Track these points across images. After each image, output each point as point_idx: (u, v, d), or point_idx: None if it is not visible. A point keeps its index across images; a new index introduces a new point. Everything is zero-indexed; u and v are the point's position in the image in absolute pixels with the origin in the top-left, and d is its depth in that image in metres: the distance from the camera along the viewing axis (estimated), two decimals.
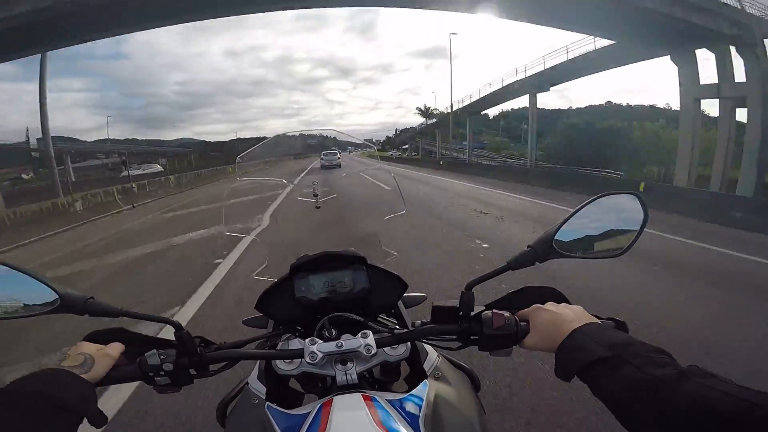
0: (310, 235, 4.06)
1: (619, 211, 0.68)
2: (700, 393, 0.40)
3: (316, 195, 1.19)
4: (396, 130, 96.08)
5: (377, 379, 0.80)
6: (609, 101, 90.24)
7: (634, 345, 0.50)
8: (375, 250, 1.12)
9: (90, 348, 0.63)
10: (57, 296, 0.62)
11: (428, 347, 0.81)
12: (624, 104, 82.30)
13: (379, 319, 0.85)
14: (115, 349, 0.65)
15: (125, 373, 0.65)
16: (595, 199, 0.67)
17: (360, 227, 3.79)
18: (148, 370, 0.65)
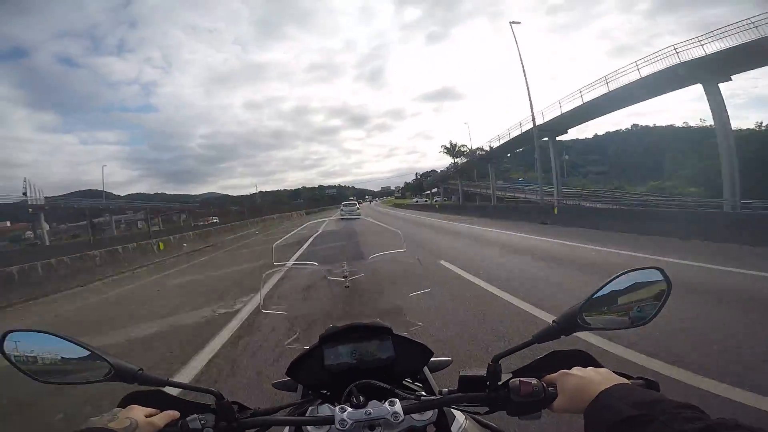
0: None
1: (642, 283, 0.69)
2: None
3: (345, 276, 1.27)
4: (416, 174, 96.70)
5: None
6: (635, 124, 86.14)
7: (662, 402, 0.50)
8: (400, 320, 1.15)
9: (138, 413, 0.66)
10: (110, 367, 0.66)
11: (455, 410, 0.81)
12: (651, 125, 79.36)
13: (405, 383, 0.86)
14: (162, 419, 0.68)
15: None
16: (619, 276, 0.69)
17: (386, 300, 3.77)
18: None
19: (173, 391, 0.77)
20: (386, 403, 0.72)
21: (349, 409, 0.72)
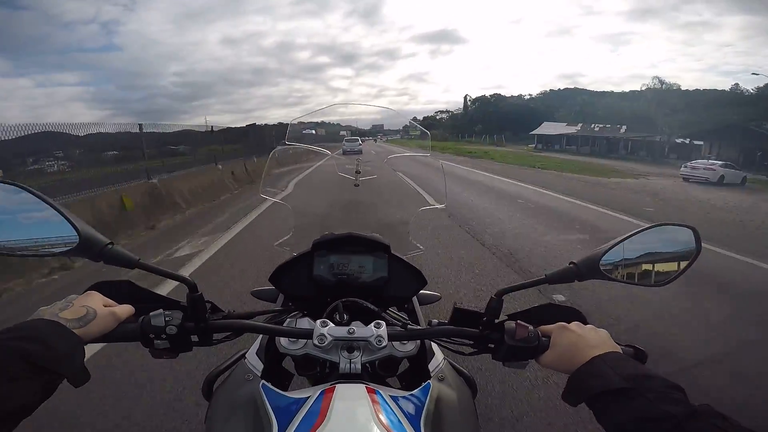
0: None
1: (671, 241, 0.68)
2: None
3: (358, 172, 1.16)
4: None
5: (376, 372, 0.77)
6: None
7: (650, 378, 0.49)
8: (401, 240, 1.10)
9: (97, 302, 0.58)
10: (77, 235, 0.57)
11: (436, 348, 0.79)
12: None
13: (389, 311, 0.83)
14: (124, 311, 0.60)
15: (123, 332, 0.59)
16: (649, 228, 0.66)
17: (391, 213, 3.73)
18: (149, 332, 0.60)
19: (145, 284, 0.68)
20: (372, 324, 0.68)
21: (331, 325, 0.67)
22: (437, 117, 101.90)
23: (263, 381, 0.66)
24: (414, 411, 0.61)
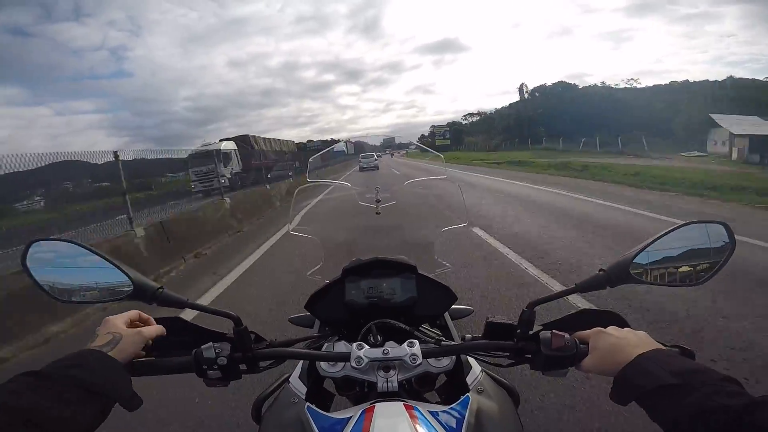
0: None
1: (703, 239, 0.65)
2: None
3: (378, 201, 1.21)
4: (432, 126, 79.72)
5: (413, 389, 0.79)
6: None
7: (703, 372, 0.48)
8: (428, 259, 1.12)
9: (119, 325, 0.62)
10: (131, 283, 0.63)
11: (473, 361, 0.79)
12: None
13: (422, 328, 0.84)
14: (151, 330, 0.65)
15: (178, 365, 0.65)
16: (680, 227, 0.64)
17: (415, 235, 3.75)
18: (202, 363, 0.65)
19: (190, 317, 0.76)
20: (405, 344, 0.70)
21: (367, 347, 0.70)
22: (464, 122, 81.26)
23: (308, 403, 0.69)
24: (455, 424, 0.61)
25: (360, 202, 1.26)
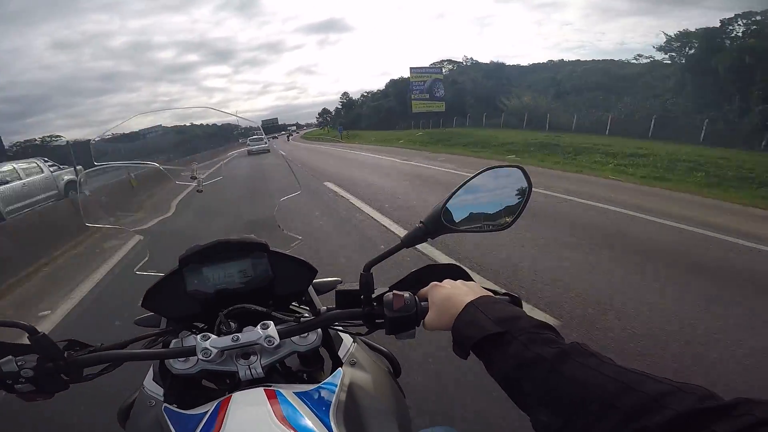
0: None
1: (503, 183, 0.69)
2: (577, 373, 0.41)
3: (194, 177, 1.07)
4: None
5: (296, 371, 0.77)
6: None
7: (521, 319, 0.49)
8: (277, 235, 1.07)
9: None
10: None
11: (343, 333, 0.79)
12: None
13: (291, 307, 0.81)
14: None
15: None
16: (480, 173, 0.67)
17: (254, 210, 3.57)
18: (4, 378, 0.60)
19: None
20: (258, 327, 0.66)
21: (213, 337, 0.65)
22: (358, 101, 63.57)
23: (165, 405, 0.64)
24: (322, 404, 0.60)
25: (177, 182, 1.10)
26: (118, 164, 1.06)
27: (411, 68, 36.61)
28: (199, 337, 0.65)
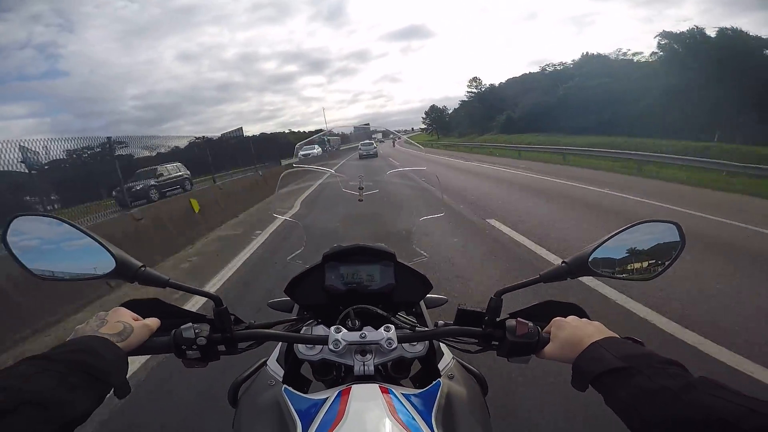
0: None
1: (656, 237, 0.70)
2: (704, 402, 0.43)
3: (361, 188, 1.23)
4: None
5: (389, 374, 0.82)
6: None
7: (648, 356, 0.52)
8: (406, 248, 1.16)
9: (128, 317, 0.63)
10: (113, 260, 0.63)
11: (444, 348, 0.83)
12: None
13: (398, 315, 0.87)
14: (154, 322, 0.66)
15: (158, 345, 0.65)
16: (635, 225, 0.69)
17: (395, 224, 3.83)
18: (181, 343, 0.65)
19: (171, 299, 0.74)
20: (382, 328, 0.73)
21: (344, 331, 0.72)
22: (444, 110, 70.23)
23: (285, 385, 0.69)
24: (426, 407, 0.64)
25: (344, 189, 1.28)
26: (307, 167, 1.29)
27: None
28: (332, 329, 0.72)
